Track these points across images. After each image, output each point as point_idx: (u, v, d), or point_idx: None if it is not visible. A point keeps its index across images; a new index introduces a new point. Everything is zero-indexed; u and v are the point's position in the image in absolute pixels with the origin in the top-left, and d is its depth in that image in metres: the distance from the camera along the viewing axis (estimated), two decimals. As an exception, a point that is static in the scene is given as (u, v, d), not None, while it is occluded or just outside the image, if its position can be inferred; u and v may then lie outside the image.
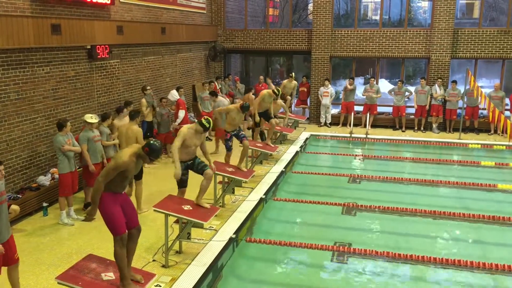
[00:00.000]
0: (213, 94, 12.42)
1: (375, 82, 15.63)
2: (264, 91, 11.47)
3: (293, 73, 14.97)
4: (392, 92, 15.38)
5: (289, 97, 14.77)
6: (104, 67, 10.47)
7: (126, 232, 5.08)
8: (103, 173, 4.98)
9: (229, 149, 9.82)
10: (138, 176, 8.33)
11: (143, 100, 11.23)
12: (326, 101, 15.54)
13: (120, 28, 10.71)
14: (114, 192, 5.09)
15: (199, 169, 7.40)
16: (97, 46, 9.90)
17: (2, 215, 5.08)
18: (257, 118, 11.13)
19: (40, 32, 8.26)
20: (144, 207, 8.25)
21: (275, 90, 11.50)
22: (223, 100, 14.63)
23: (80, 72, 9.66)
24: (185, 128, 7.28)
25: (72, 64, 9.42)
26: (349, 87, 15.38)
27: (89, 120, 8.15)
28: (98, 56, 9.97)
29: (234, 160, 9.76)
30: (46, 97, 8.76)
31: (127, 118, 9.32)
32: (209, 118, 7.34)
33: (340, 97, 16.28)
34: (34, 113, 8.48)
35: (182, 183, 7.43)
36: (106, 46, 10.20)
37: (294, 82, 14.92)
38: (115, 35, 10.57)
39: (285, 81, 14.78)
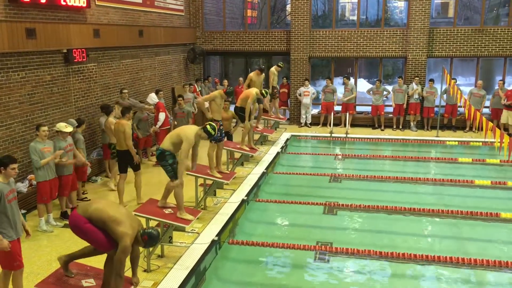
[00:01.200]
0: (180, 96, 12.16)
1: (350, 81, 15.77)
2: (253, 92, 11.03)
3: (282, 63, 15.01)
4: (371, 92, 15.55)
5: (276, 98, 14.76)
6: (81, 71, 10.34)
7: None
8: (118, 261, 4.66)
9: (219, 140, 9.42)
10: (137, 167, 8.64)
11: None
12: (306, 100, 15.62)
13: (96, 31, 10.59)
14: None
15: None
16: (74, 50, 9.76)
17: (16, 211, 5.30)
18: (247, 125, 10.97)
19: (14, 37, 8.11)
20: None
21: (263, 92, 11.50)
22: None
23: (56, 77, 9.52)
24: (191, 135, 6.78)
25: (48, 68, 9.28)
26: (329, 85, 15.58)
27: (65, 130, 7.91)
28: (75, 60, 9.84)
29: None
30: (22, 102, 8.61)
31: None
32: (214, 124, 7.03)
33: (320, 97, 16.38)
34: (10, 118, 8.33)
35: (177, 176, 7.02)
36: (83, 49, 10.07)
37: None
38: (91, 38, 10.44)
39: (273, 68, 14.72)
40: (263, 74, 12.97)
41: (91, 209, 4.82)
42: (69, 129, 8.02)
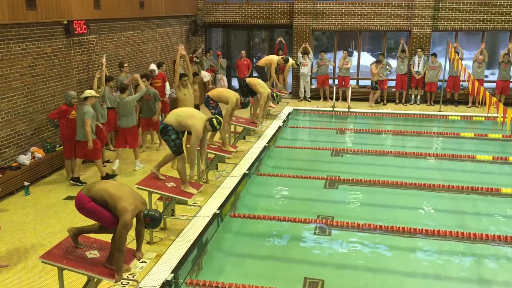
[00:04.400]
0: (143, 77, 10.21)
1: (325, 56, 15.57)
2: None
3: (301, 62, 15.29)
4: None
5: (280, 74, 14.64)
6: (82, 43, 10.24)
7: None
8: (119, 236, 4.70)
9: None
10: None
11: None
12: (304, 70, 15.47)
13: (97, 3, 10.45)
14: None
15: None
16: (74, 21, 9.66)
17: None
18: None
19: (14, 8, 8.01)
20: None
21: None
22: (204, 74, 14.53)
23: (57, 49, 9.44)
24: (200, 128, 6.81)
25: (49, 40, 9.19)
26: (324, 58, 15.53)
27: (96, 94, 8.46)
28: (76, 32, 9.74)
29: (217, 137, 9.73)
30: (24, 74, 8.57)
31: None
32: (220, 119, 7.06)
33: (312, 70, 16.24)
34: (12, 91, 8.30)
35: (180, 151, 7.02)
36: (84, 21, 9.95)
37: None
38: (92, 9, 10.31)
39: (290, 62, 14.63)
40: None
41: (94, 189, 4.91)
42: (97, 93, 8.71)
